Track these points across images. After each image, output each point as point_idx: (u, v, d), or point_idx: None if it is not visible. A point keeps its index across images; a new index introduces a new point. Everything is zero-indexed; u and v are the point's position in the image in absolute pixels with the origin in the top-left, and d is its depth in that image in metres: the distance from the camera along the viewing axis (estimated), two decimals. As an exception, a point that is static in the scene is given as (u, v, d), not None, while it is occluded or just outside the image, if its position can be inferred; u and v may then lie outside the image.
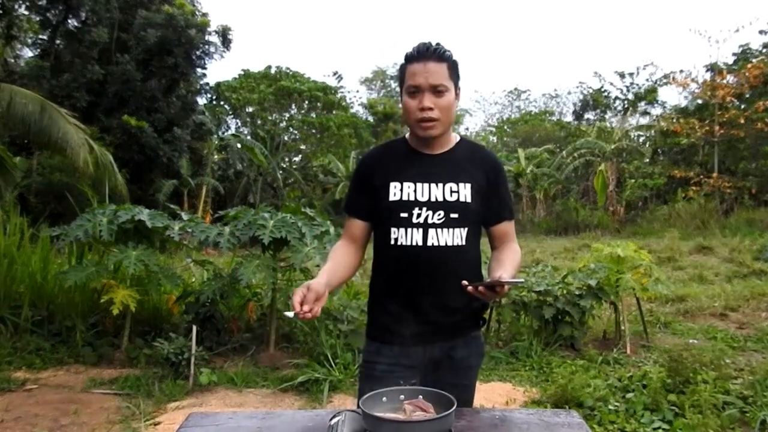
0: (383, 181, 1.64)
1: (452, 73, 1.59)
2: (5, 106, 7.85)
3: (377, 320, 1.71)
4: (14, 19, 12.64)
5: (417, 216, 1.60)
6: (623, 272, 4.95)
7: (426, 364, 1.64)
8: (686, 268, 9.24)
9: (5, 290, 4.99)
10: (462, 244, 1.62)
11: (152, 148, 14.38)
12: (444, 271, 1.60)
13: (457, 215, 1.61)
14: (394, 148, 1.72)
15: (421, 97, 1.56)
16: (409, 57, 1.60)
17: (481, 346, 1.76)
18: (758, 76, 17.46)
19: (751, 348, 4.97)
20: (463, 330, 1.68)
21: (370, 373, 1.67)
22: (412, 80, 1.56)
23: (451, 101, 1.59)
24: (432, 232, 1.59)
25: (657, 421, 3.28)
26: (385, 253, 1.65)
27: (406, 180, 1.62)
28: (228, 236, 4.61)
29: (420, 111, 1.56)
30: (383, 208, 1.63)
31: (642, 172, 19.46)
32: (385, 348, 1.66)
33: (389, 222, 1.62)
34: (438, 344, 1.64)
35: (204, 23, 15.44)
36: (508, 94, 35.73)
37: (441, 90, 1.56)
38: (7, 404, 3.74)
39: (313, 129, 22.94)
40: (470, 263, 1.67)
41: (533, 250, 13.03)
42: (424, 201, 1.60)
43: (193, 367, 4.18)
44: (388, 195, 1.62)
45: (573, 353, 4.83)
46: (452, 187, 1.62)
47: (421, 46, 1.58)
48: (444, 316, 1.63)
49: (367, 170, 1.70)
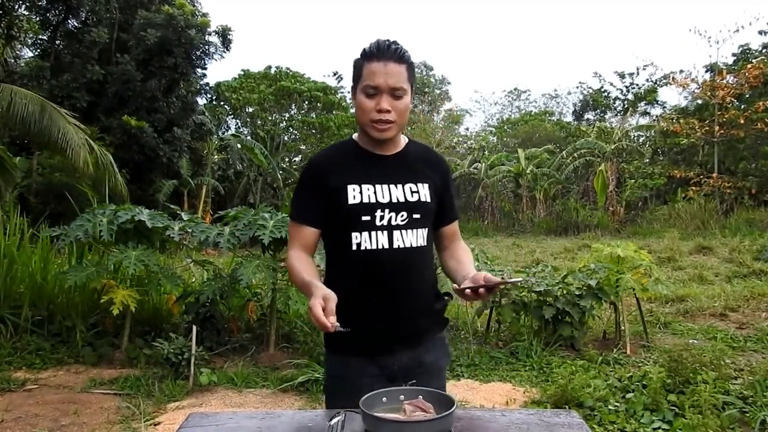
0: (339, 184, 1.55)
1: (410, 75, 1.55)
2: (5, 106, 7.84)
3: (341, 335, 1.58)
4: (14, 19, 12.63)
5: (380, 218, 1.54)
6: (623, 272, 4.95)
7: (396, 372, 1.57)
8: (686, 268, 9.24)
9: (5, 290, 4.99)
10: (424, 245, 1.61)
11: (152, 148, 14.38)
12: (411, 273, 1.58)
13: (419, 215, 1.58)
14: (344, 150, 1.65)
15: (379, 99, 1.50)
16: (368, 54, 1.52)
17: (447, 347, 1.75)
18: (758, 76, 17.45)
19: (751, 348, 4.97)
20: (430, 333, 1.66)
21: (339, 389, 1.59)
22: (371, 80, 1.50)
23: (407, 104, 1.55)
24: (397, 233, 1.55)
25: (657, 421, 3.28)
26: (347, 259, 1.55)
27: (364, 182, 1.56)
28: (228, 236, 4.61)
29: (377, 113, 1.51)
30: (342, 213, 1.54)
31: (642, 172, 19.44)
32: (352, 360, 1.58)
33: (350, 227, 1.54)
34: (407, 350, 1.59)
35: (204, 23, 15.43)
36: (508, 94, 35.68)
37: (399, 94, 1.52)
38: (7, 404, 3.74)
39: (313, 129, 22.92)
40: (430, 263, 1.67)
41: (533, 250, 13.03)
42: (386, 202, 1.55)
43: (193, 367, 4.18)
44: (347, 198, 1.53)
45: (573, 353, 4.83)
46: (412, 187, 1.59)
47: (381, 44, 1.51)
48: (411, 320, 1.59)
49: (319, 173, 1.60)
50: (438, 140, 24.99)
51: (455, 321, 5.80)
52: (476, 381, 4.27)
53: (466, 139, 29.93)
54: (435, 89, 34.78)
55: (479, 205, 21.16)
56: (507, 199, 20.79)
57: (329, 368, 1.67)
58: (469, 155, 23.78)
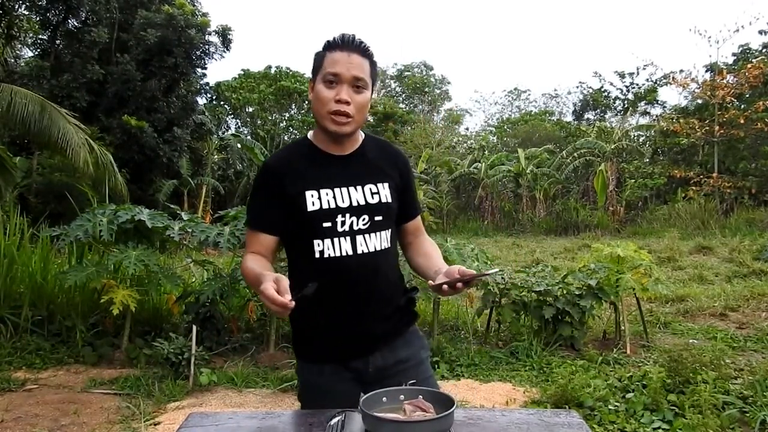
0: (296, 189, 1.49)
1: (373, 71, 1.51)
2: (5, 106, 7.84)
3: (312, 341, 1.58)
4: (14, 19, 12.63)
5: (342, 224, 1.49)
6: (623, 272, 4.95)
7: (373, 374, 1.54)
8: (686, 268, 9.24)
9: (5, 290, 4.99)
10: (388, 247, 1.57)
11: (152, 148, 14.38)
12: (376, 277, 1.54)
13: (381, 217, 1.54)
14: (299, 151, 1.57)
15: (339, 89, 1.44)
16: (331, 45, 1.48)
17: (423, 338, 1.70)
18: (758, 76, 17.44)
19: (751, 348, 4.97)
20: (400, 330, 1.63)
21: (313, 397, 1.56)
22: (332, 68, 1.44)
23: (368, 99, 1.50)
24: (360, 238, 1.50)
25: (657, 421, 3.28)
26: (309, 267, 1.49)
27: (322, 186, 1.49)
28: (228, 236, 4.61)
29: (336, 103, 1.44)
30: (302, 220, 1.48)
31: (642, 172, 19.42)
32: (326, 367, 1.55)
33: (311, 234, 1.49)
34: (380, 351, 1.56)
35: (204, 23, 15.43)
36: (508, 94, 35.70)
37: (361, 86, 1.46)
38: (7, 404, 3.74)
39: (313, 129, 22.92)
40: (394, 263, 1.64)
41: (533, 250, 13.02)
42: (346, 207, 1.49)
43: (193, 367, 4.18)
44: (306, 205, 1.47)
45: (573, 353, 4.83)
46: (372, 188, 1.54)
47: (345, 36, 1.47)
48: (382, 321, 1.57)
49: (275, 178, 1.52)
50: (438, 140, 24.99)
51: (455, 321, 5.80)
52: (476, 381, 4.27)
53: (466, 139, 29.95)
54: (435, 89, 34.78)
55: (479, 205, 21.15)
56: (507, 199, 20.78)
57: (303, 376, 1.63)
58: (469, 155, 23.77)
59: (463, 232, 18.17)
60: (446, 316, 5.89)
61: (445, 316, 5.84)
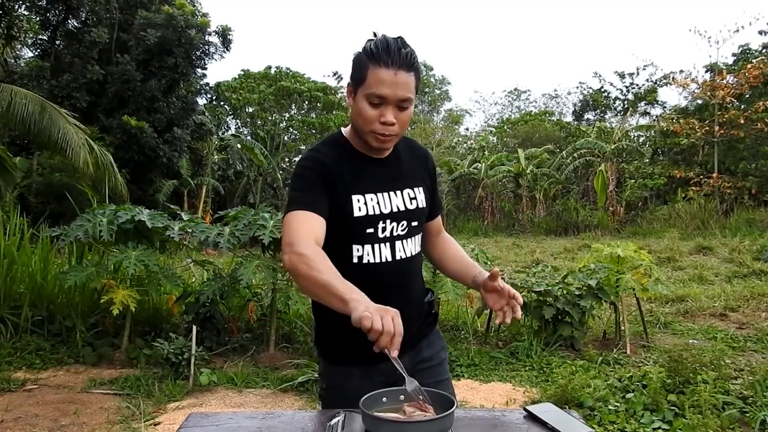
0: (345, 192, 1.45)
1: (418, 82, 1.44)
2: (5, 106, 7.85)
3: (342, 345, 1.53)
4: (14, 19, 12.63)
5: (382, 230, 1.47)
6: (623, 272, 4.95)
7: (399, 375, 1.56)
8: (686, 269, 9.24)
9: (5, 290, 4.99)
10: (420, 251, 1.58)
11: (152, 149, 14.38)
12: (410, 281, 1.55)
13: (417, 223, 1.54)
14: (342, 153, 1.51)
15: (384, 111, 1.38)
16: (375, 57, 1.37)
17: (442, 339, 1.72)
18: (758, 77, 17.43)
19: (751, 348, 4.97)
20: (425, 331, 1.64)
21: (341, 398, 1.48)
22: (378, 89, 1.36)
23: (410, 114, 1.45)
24: (399, 244, 1.49)
25: (657, 422, 3.28)
26: (345, 271, 1.37)
27: (367, 191, 1.47)
28: (228, 236, 4.61)
29: (381, 125, 1.40)
30: (345, 224, 1.44)
31: (642, 172, 19.42)
32: (354, 370, 1.53)
33: (350, 239, 1.45)
34: (407, 353, 1.53)
35: (204, 23, 15.44)
36: (508, 94, 35.70)
37: (406, 105, 1.41)
38: (7, 404, 3.74)
39: (313, 129, 22.91)
40: (422, 264, 1.65)
41: (533, 250, 13.02)
42: (388, 213, 1.48)
43: (193, 368, 4.18)
44: (353, 210, 1.44)
45: (573, 353, 4.83)
46: (410, 193, 1.53)
47: (392, 48, 1.36)
48: (413, 325, 1.54)
49: (327, 173, 1.46)
50: (438, 140, 24.98)
51: (455, 321, 5.80)
52: (476, 381, 4.27)
53: (466, 139, 29.93)
54: (435, 89, 34.78)
55: (479, 205, 21.14)
56: (507, 199, 20.77)
57: (328, 378, 1.60)
58: (469, 155, 23.75)
59: (463, 233, 18.16)
60: (446, 316, 5.89)
61: (445, 316, 5.84)
